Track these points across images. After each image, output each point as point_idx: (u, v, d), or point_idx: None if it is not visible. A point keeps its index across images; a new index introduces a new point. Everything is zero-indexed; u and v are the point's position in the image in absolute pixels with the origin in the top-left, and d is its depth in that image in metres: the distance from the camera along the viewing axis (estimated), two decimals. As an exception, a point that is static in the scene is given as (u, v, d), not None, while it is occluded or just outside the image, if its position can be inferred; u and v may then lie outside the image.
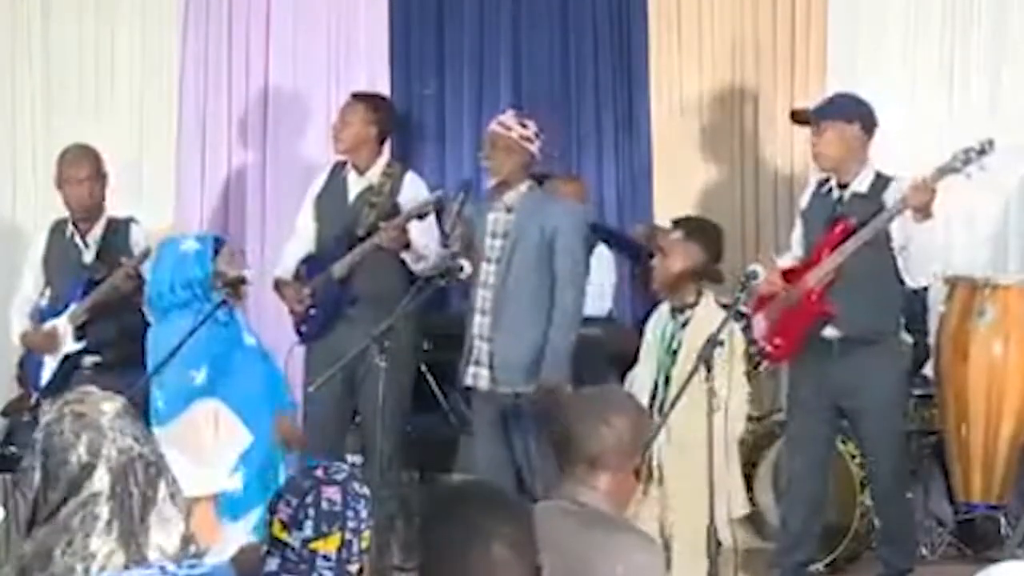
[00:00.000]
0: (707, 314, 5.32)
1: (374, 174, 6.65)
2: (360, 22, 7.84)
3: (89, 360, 6.34)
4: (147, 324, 5.69)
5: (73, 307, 6.35)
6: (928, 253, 5.69)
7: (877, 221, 5.68)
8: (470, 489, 3.17)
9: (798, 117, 6.13)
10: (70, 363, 6.34)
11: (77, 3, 8.04)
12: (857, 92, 6.12)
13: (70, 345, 6.33)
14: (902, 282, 5.79)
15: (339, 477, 2.63)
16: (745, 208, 7.44)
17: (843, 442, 6.34)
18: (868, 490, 6.34)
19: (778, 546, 6.17)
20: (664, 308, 5.57)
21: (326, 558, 2.58)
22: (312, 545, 2.58)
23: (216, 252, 5.58)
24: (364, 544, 2.59)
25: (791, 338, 5.93)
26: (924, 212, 5.53)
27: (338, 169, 6.76)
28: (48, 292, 6.54)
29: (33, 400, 6.45)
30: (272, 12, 7.89)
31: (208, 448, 4.07)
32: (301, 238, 6.76)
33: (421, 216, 6.40)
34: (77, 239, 6.49)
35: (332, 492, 2.60)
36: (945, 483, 6.65)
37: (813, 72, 7.33)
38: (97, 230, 6.50)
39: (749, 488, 6.81)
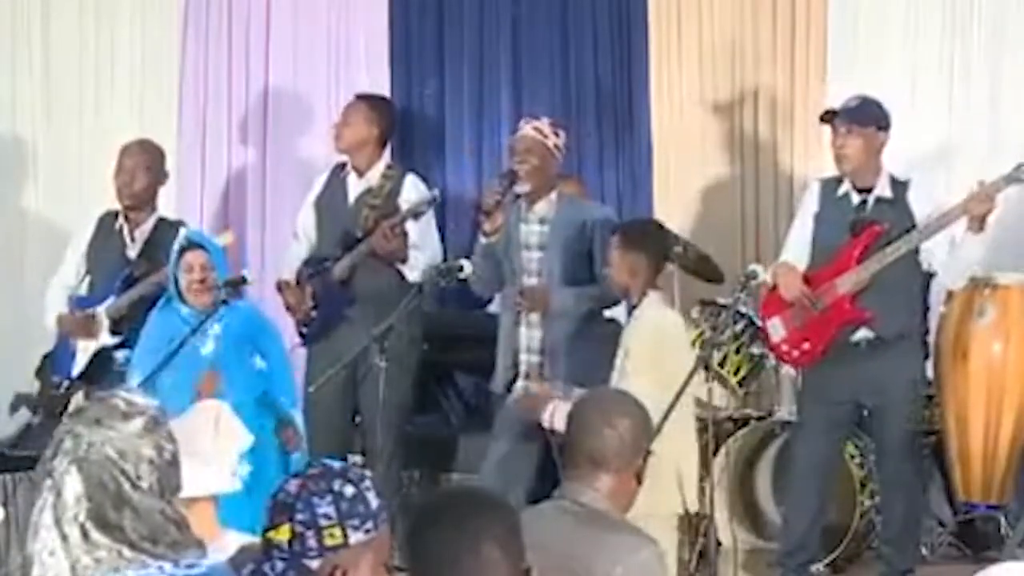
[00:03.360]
0: (647, 313, 5.31)
1: (374, 176, 6.65)
2: (360, 22, 7.84)
3: (122, 355, 6.32)
4: None
5: (111, 300, 6.34)
6: (978, 261, 5.75)
7: (927, 228, 5.68)
8: (458, 491, 3.17)
9: (827, 118, 6.04)
10: (104, 356, 6.32)
11: (77, 3, 8.04)
12: (856, 92, 6.12)
13: (105, 338, 6.32)
14: (926, 282, 5.83)
15: (310, 472, 2.62)
16: (745, 208, 7.43)
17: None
18: (869, 490, 6.35)
19: (782, 546, 6.15)
20: None
21: (279, 548, 2.58)
22: (268, 534, 2.59)
23: (181, 253, 5.68)
24: (329, 541, 2.57)
25: (820, 342, 5.89)
26: (982, 221, 5.54)
27: (338, 171, 6.76)
28: (87, 281, 6.53)
29: (63, 389, 6.42)
30: (272, 12, 7.89)
31: (208, 448, 4.07)
32: (302, 240, 6.76)
33: (416, 216, 6.39)
34: (125, 232, 6.49)
35: (292, 485, 2.60)
36: (945, 483, 6.65)
37: (813, 72, 7.32)
38: (146, 227, 6.49)
39: (749, 488, 6.84)
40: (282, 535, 2.56)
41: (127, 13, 8.00)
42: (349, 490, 2.60)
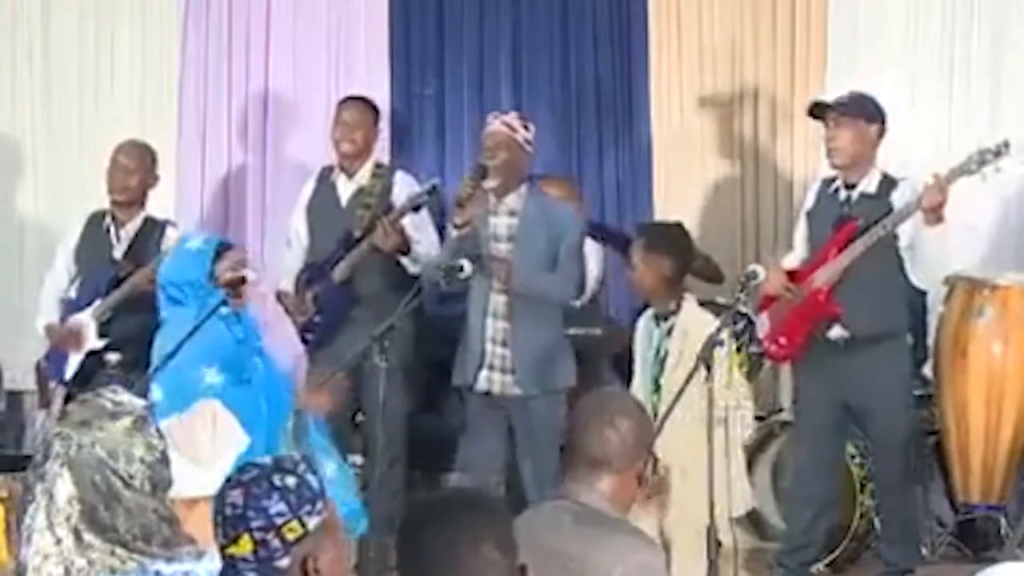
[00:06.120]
0: (690, 319, 5.33)
1: (363, 176, 6.64)
2: (360, 22, 7.84)
3: (113, 357, 6.29)
4: None
5: (97, 303, 6.32)
6: (940, 256, 5.70)
7: (887, 222, 5.68)
8: (454, 494, 3.18)
9: (817, 111, 6.05)
10: (94, 360, 6.30)
11: (77, 3, 8.03)
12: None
13: (93, 342, 6.29)
14: (908, 281, 5.80)
15: (246, 477, 2.60)
16: (745, 208, 7.44)
17: (843, 443, 6.34)
18: (869, 490, 6.35)
19: (783, 546, 6.16)
20: (648, 316, 5.59)
21: (245, 560, 2.57)
22: (228, 551, 2.58)
23: (219, 255, 5.37)
24: (292, 535, 2.57)
25: (796, 337, 5.93)
26: (936, 214, 5.52)
27: (325, 175, 6.75)
28: (78, 282, 6.52)
29: (61, 393, 6.40)
30: (272, 12, 7.88)
31: (206, 449, 4.07)
32: (295, 248, 6.75)
33: (416, 208, 6.38)
34: (112, 232, 6.47)
35: (234, 495, 2.58)
36: (945, 483, 6.66)
37: (813, 72, 7.33)
38: (132, 226, 6.46)
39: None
40: (243, 547, 2.56)
41: (127, 13, 7.99)
42: (291, 480, 2.60)
